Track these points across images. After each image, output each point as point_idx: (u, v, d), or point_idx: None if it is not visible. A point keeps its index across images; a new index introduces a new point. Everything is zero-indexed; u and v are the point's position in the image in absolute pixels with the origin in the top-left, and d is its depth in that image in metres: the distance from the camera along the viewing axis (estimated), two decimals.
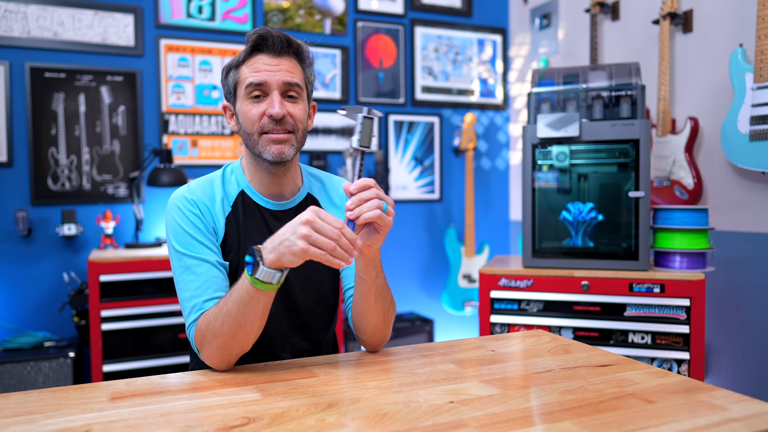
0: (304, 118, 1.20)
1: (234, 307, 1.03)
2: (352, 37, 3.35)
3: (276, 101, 1.15)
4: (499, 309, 2.14)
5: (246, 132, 1.18)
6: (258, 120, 1.16)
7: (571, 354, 1.19)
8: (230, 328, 1.04)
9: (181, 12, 2.98)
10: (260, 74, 1.15)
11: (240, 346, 1.07)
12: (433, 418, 0.84)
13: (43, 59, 2.75)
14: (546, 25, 3.37)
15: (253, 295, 1.01)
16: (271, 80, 1.15)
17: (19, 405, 0.91)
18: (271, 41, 1.16)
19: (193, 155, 3.02)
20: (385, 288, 1.16)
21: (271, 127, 1.16)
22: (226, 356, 1.08)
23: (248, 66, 1.17)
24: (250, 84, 1.15)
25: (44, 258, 2.75)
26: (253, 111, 1.16)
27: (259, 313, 1.04)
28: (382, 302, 1.16)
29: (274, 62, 1.16)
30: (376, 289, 1.13)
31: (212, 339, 1.06)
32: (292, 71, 1.18)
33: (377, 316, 1.17)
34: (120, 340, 2.43)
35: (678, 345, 1.94)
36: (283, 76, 1.16)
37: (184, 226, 1.16)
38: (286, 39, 1.18)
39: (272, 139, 1.16)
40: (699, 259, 2.03)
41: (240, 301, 1.03)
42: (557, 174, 2.15)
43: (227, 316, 1.04)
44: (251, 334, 1.07)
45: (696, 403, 0.90)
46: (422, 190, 3.53)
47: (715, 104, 2.36)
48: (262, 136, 1.16)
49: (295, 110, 1.18)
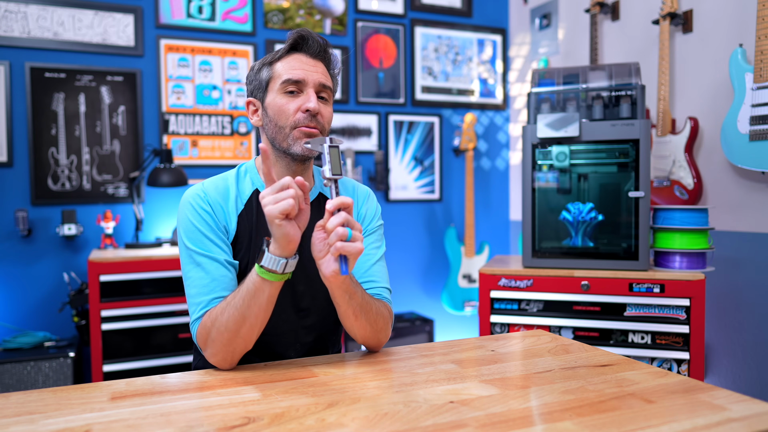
0: (331, 120, 1.24)
1: (240, 300, 1.06)
2: (352, 37, 3.35)
3: (313, 97, 1.18)
4: (499, 309, 2.14)
5: (277, 125, 1.20)
6: (293, 114, 1.18)
7: (571, 354, 1.19)
8: (235, 322, 1.06)
9: (181, 12, 2.98)
10: (298, 72, 1.19)
11: (243, 342, 1.08)
12: (433, 418, 0.84)
13: (43, 59, 2.75)
14: (546, 25, 3.37)
15: (258, 285, 1.04)
16: (308, 78, 1.19)
17: (19, 405, 0.91)
18: (312, 42, 1.21)
19: (193, 155, 3.02)
20: (364, 303, 1.15)
21: (306, 122, 1.18)
22: (229, 354, 1.09)
23: (284, 63, 1.20)
24: (288, 80, 1.18)
25: (44, 258, 2.75)
26: (289, 105, 1.18)
27: (263, 306, 1.06)
28: (365, 317, 1.16)
29: (311, 63, 1.21)
30: (353, 309, 1.13)
31: (216, 335, 1.08)
32: (326, 75, 1.23)
33: (363, 329, 1.17)
34: (120, 340, 2.43)
35: (678, 345, 1.94)
36: (319, 78, 1.20)
37: (195, 223, 1.17)
38: (325, 44, 1.23)
39: (305, 132, 1.18)
40: (699, 259, 2.03)
41: (247, 293, 1.05)
42: (557, 174, 2.15)
43: (234, 310, 1.06)
44: (254, 329, 1.08)
45: (696, 403, 0.90)
46: (422, 190, 3.53)
47: (715, 104, 2.36)
48: (295, 130, 1.18)
49: (325, 111, 1.21)
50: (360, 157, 3.35)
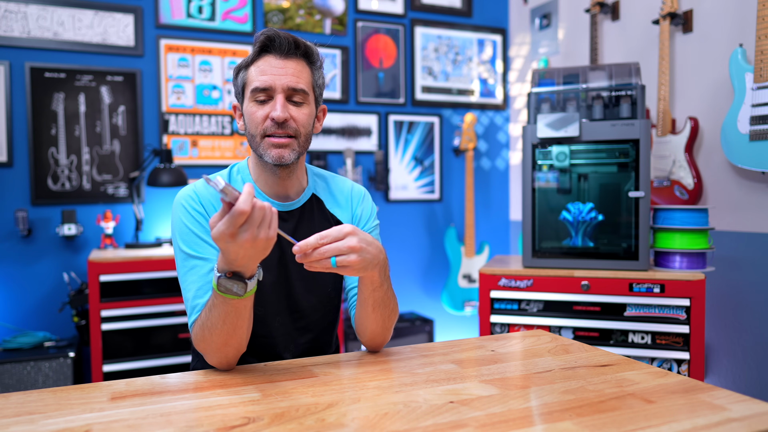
0: (307, 122, 1.20)
1: (217, 315, 1.03)
2: (352, 37, 3.35)
3: (279, 105, 1.15)
4: (499, 309, 2.14)
5: (250, 133, 1.19)
6: (261, 122, 1.16)
7: (571, 354, 1.19)
8: (219, 334, 1.04)
9: (181, 12, 2.98)
10: (266, 77, 1.15)
11: (234, 349, 1.07)
12: (433, 418, 0.84)
13: (43, 59, 2.75)
14: (546, 25, 3.37)
15: (229, 304, 1.01)
16: (275, 84, 1.15)
17: (19, 405, 0.91)
18: (279, 42, 1.16)
19: (193, 155, 3.02)
20: (386, 299, 1.15)
21: (273, 130, 1.16)
22: (223, 358, 1.08)
23: (255, 67, 1.17)
24: (257, 88, 1.16)
25: (44, 258, 2.75)
26: (257, 113, 1.16)
27: (242, 315, 1.03)
28: (381, 312, 1.16)
29: (280, 64, 1.16)
30: (374, 301, 1.14)
31: (208, 341, 1.07)
32: (299, 75, 1.17)
33: (375, 324, 1.18)
34: (120, 340, 2.43)
35: (678, 345, 1.94)
36: (288, 81, 1.16)
37: (189, 225, 1.17)
38: (294, 40, 1.17)
39: (273, 143, 1.16)
40: (699, 259, 2.03)
41: (218, 307, 1.02)
42: (557, 174, 2.15)
43: (215, 321, 1.04)
44: (242, 336, 1.06)
45: (696, 403, 0.90)
46: (422, 190, 3.52)
47: (715, 104, 2.36)
48: (264, 139, 1.17)
49: (298, 114, 1.17)
50: (360, 157, 3.35)
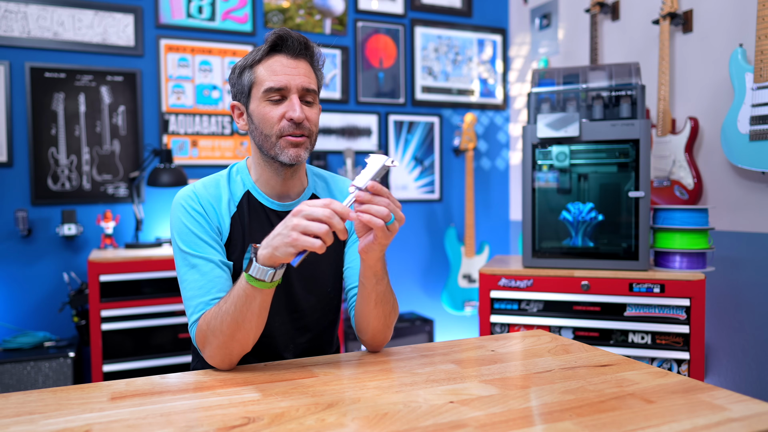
0: (318, 122, 1.22)
1: (232, 306, 1.04)
2: (352, 37, 3.35)
3: (296, 105, 1.15)
4: (499, 309, 2.14)
5: (263, 134, 1.18)
6: (277, 122, 1.16)
7: (571, 354, 1.19)
8: (229, 326, 1.05)
9: (181, 12, 2.98)
10: (280, 78, 1.15)
11: (240, 345, 1.07)
12: (433, 418, 0.84)
13: (43, 59, 2.75)
14: (546, 25, 3.37)
15: (249, 293, 1.02)
16: (291, 84, 1.16)
17: (19, 405, 0.91)
18: (291, 42, 1.16)
19: (193, 155, 3.02)
20: (387, 294, 1.16)
21: (291, 130, 1.16)
22: (227, 356, 1.08)
23: (265, 67, 1.17)
24: (271, 88, 1.15)
25: (44, 258, 2.75)
26: (272, 113, 1.16)
27: (256, 312, 1.04)
28: (383, 307, 1.16)
29: (292, 64, 1.17)
30: (377, 294, 1.13)
31: (212, 338, 1.07)
32: (309, 75, 1.19)
33: (377, 320, 1.17)
34: (120, 340, 2.43)
35: (678, 345, 1.94)
36: (302, 81, 1.17)
37: (188, 225, 1.17)
38: (305, 42, 1.18)
39: (291, 142, 1.16)
40: (699, 259, 2.03)
41: (238, 299, 1.03)
42: (557, 174, 2.15)
43: (226, 315, 1.05)
44: (250, 333, 1.07)
45: (696, 403, 0.90)
46: (422, 190, 3.53)
47: (715, 104, 2.36)
48: (281, 139, 1.17)
49: (311, 114, 1.19)
50: (360, 157, 3.35)
